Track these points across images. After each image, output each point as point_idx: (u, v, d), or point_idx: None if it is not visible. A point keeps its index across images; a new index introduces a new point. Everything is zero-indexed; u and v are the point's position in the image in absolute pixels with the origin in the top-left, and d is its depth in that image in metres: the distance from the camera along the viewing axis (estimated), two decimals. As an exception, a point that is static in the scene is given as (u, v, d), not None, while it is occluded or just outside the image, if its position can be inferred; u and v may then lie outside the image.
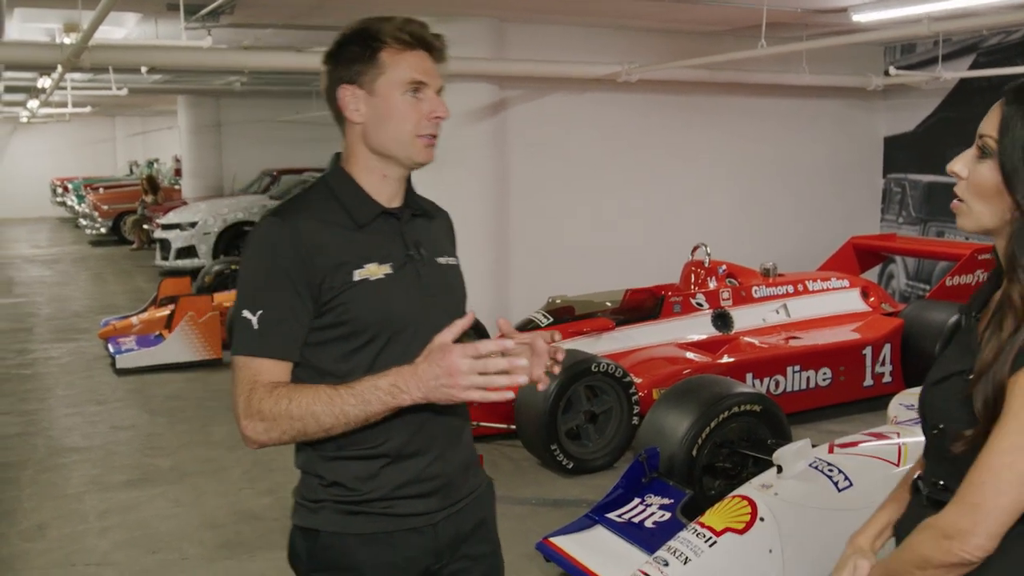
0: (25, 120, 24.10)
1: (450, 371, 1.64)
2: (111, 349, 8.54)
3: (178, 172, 20.54)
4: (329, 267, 1.81)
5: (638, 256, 8.88)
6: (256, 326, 1.78)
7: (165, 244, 13.75)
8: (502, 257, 8.17)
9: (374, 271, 1.84)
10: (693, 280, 6.97)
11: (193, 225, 13.66)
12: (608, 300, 6.76)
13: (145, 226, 16.91)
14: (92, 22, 5.27)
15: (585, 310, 6.62)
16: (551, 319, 6.48)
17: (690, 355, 6.26)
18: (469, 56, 7.51)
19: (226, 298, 8.88)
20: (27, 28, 8.47)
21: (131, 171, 25.47)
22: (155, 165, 23.81)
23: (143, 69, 9.98)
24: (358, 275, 1.82)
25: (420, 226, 1.98)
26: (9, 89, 14.74)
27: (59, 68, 7.26)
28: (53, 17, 7.72)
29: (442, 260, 1.99)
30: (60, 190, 24.18)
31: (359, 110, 1.89)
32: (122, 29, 8.51)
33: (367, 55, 1.87)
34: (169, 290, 9.48)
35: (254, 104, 18.21)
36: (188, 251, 13.59)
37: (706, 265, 6.97)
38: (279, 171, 16.34)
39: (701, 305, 6.71)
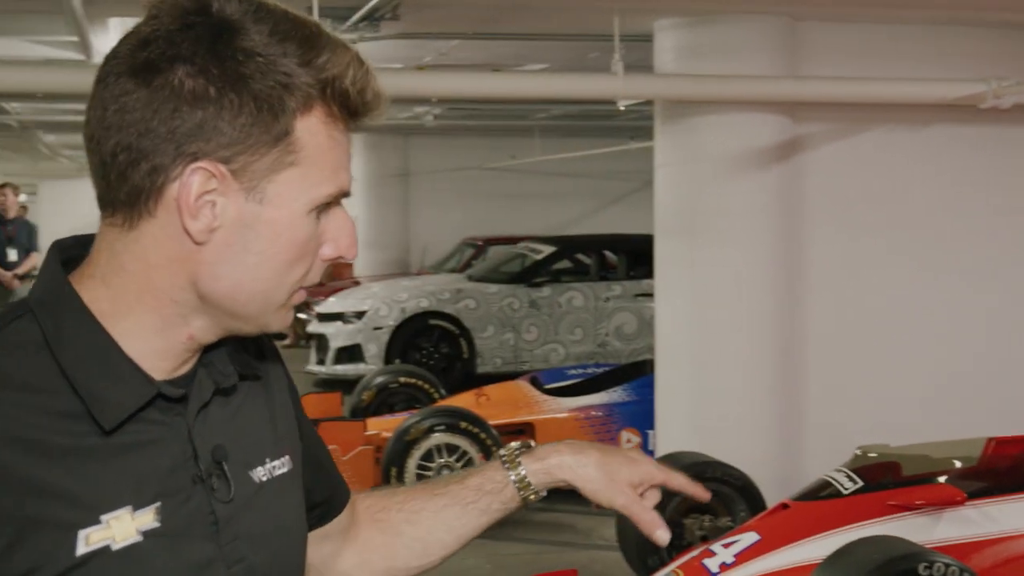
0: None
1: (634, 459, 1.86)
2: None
3: (350, 240, 21.39)
4: (21, 525, 1.31)
5: (1010, 386, 8.52)
6: None
7: (322, 341, 14.09)
8: (788, 384, 8.06)
9: (122, 529, 1.36)
10: (1106, 426, 6.65)
11: (360, 316, 13.90)
12: (956, 456, 6.51)
13: (301, 315, 17.42)
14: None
15: (917, 470, 6.41)
16: (860, 483, 6.22)
17: (1099, 555, 5.92)
18: (743, 74, 7.48)
19: (385, 426, 8.98)
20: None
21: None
22: (325, 229, 24.96)
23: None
24: (88, 541, 1.34)
25: (226, 410, 1.53)
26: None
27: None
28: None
29: (259, 472, 1.54)
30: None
31: (213, 221, 1.37)
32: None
33: (275, 113, 1.35)
34: (311, 410, 9.62)
35: (452, 145, 18.93)
36: (352, 352, 13.77)
37: None
38: (485, 240, 16.75)
39: (1120, 469, 6.34)
